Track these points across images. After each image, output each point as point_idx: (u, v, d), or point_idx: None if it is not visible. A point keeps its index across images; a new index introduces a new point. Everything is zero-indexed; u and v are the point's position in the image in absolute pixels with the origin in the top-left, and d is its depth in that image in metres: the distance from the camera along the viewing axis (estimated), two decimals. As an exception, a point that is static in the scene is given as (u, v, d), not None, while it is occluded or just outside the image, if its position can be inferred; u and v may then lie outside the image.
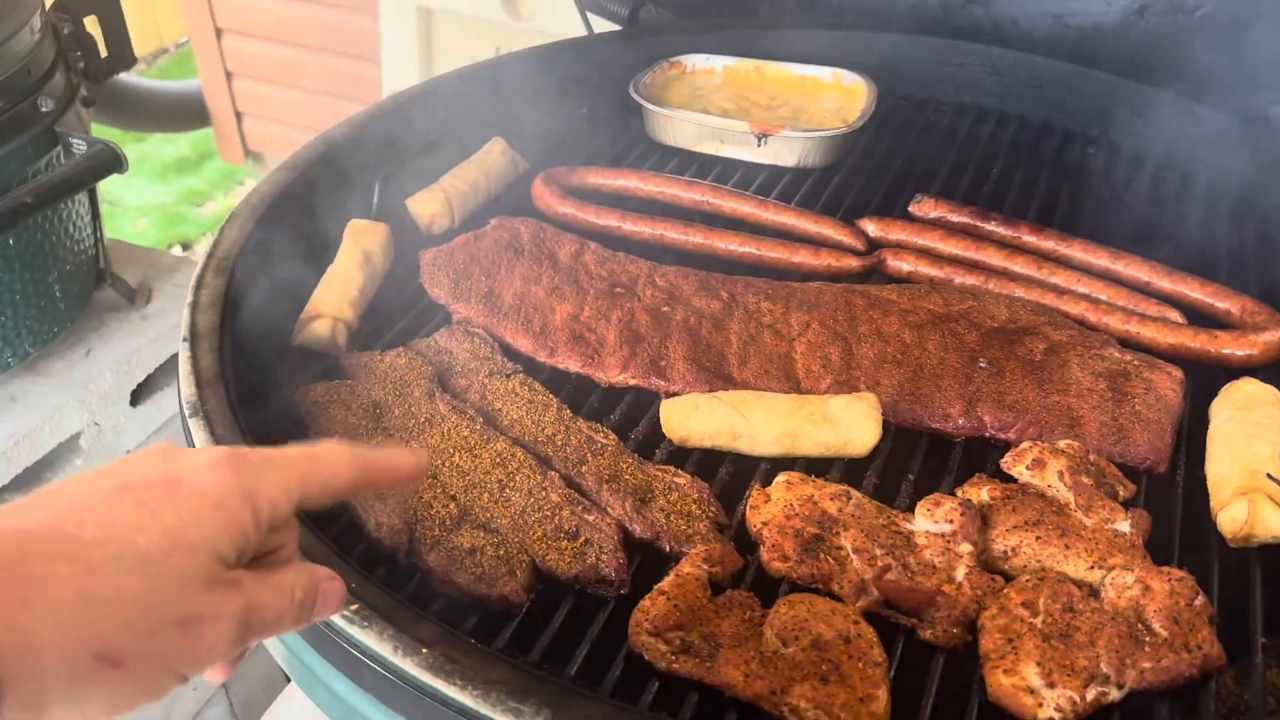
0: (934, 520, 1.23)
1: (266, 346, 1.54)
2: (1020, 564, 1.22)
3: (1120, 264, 1.71)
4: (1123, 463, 1.38)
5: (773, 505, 1.27)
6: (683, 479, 1.32)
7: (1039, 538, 1.22)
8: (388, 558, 1.24)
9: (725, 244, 1.80)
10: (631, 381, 1.52)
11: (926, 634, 1.15)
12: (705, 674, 1.08)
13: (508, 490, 1.28)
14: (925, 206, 1.89)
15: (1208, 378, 1.51)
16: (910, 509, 1.28)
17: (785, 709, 1.04)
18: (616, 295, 1.63)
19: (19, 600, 0.65)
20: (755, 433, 1.38)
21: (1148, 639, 1.10)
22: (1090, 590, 1.18)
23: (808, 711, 1.03)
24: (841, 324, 1.57)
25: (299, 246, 1.69)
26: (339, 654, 1.08)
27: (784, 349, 1.54)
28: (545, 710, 0.95)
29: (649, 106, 2.13)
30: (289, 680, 2.43)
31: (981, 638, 1.12)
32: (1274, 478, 1.26)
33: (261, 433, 1.31)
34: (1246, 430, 1.34)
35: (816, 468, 1.37)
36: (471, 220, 1.89)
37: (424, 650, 1.00)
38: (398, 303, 1.71)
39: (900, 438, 1.45)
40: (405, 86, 2.14)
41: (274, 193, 1.71)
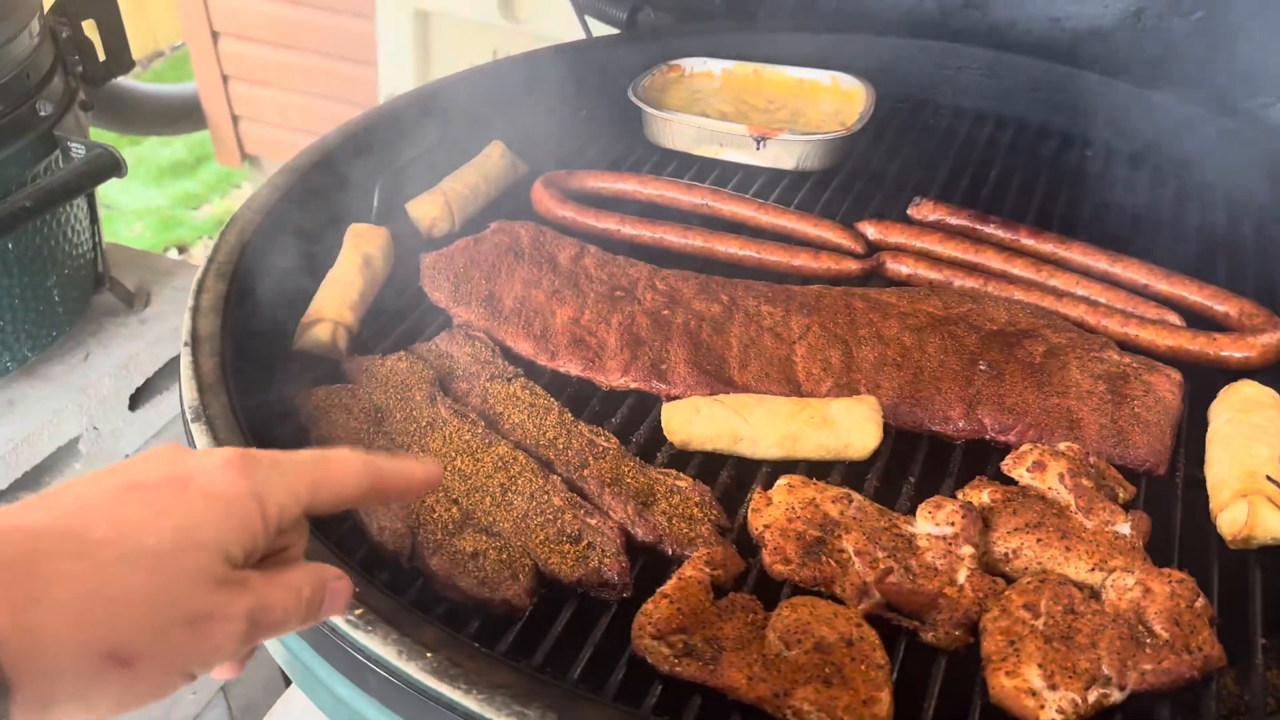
0: (935, 523, 1.23)
1: (267, 351, 1.55)
2: (1021, 566, 1.22)
3: (1119, 266, 1.72)
4: (1122, 465, 1.38)
5: (774, 508, 1.27)
6: (684, 482, 1.32)
7: (1040, 540, 1.22)
8: (390, 562, 1.24)
9: (725, 247, 1.80)
10: (632, 385, 1.52)
11: (928, 636, 1.15)
12: (708, 677, 1.08)
13: (510, 494, 1.28)
14: (924, 209, 1.90)
15: (1206, 380, 1.52)
16: (911, 512, 1.28)
17: (788, 712, 1.04)
18: (617, 299, 1.64)
19: (28, 598, 0.65)
20: (756, 436, 1.39)
21: (1149, 640, 1.10)
22: (1091, 592, 1.18)
23: (811, 714, 1.03)
24: (842, 327, 1.58)
25: (299, 250, 1.69)
26: (342, 658, 1.08)
27: (784, 352, 1.54)
28: (550, 714, 0.95)
29: (648, 110, 2.13)
30: (288, 684, 2.43)
31: (983, 640, 1.12)
32: (1273, 480, 1.27)
33: (263, 437, 1.31)
34: (1245, 432, 1.34)
35: (817, 471, 1.37)
36: (471, 224, 1.89)
37: (428, 654, 1.00)
38: (398, 306, 1.71)
39: (901, 440, 1.45)
40: (402, 90, 2.15)
41: (274, 197, 1.71)
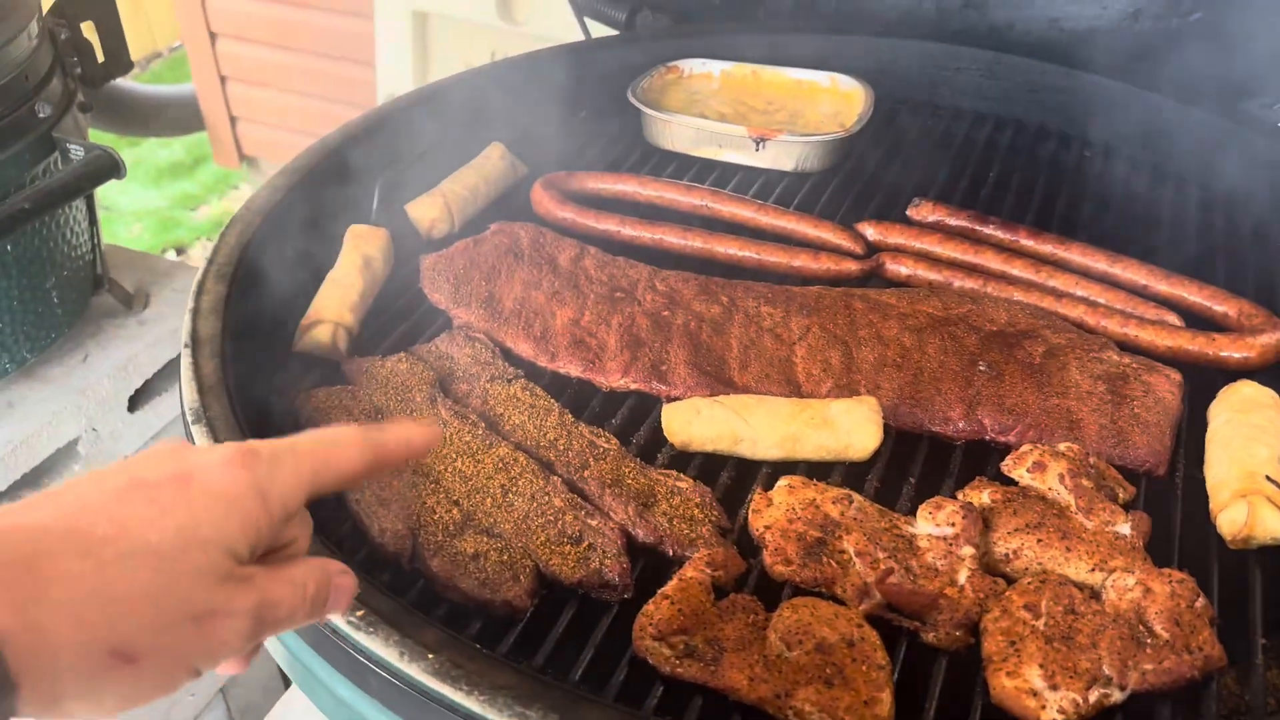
0: (936, 523, 1.23)
1: (267, 352, 1.55)
2: (1022, 566, 1.22)
3: (1118, 267, 1.72)
4: (1122, 465, 1.38)
5: (775, 509, 1.27)
6: (685, 483, 1.32)
7: (1040, 540, 1.22)
8: (391, 563, 1.24)
9: (725, 248, 1.80)
10: (633, 386, 1.52)
11: (929, 637, 1.15)
12: (709, 678, 1.08)
13: (510, 495, 1.28)
14: (923, 210, 1.90)
15: (1205, 380, 1.52)
16: (911, 512, 1.28)
17: (790, 712, 1.04)
18: (617, 300, 1.64)
19: (32, 597, 0.65)
20: (757, 437, 1.39)
21: (1149, 641, 1.10)
22: (1092, 592, 1.18)
23: (812, 715, 1.03)
24: (841, 328, 1.58)
25: (299, 252, 1.69)
26: (343, 659, 1.08)
27: (784, 353, 1.54)
28: (551, 715, 0.95)
29: (647, 111, 2.14)
30: (288, 685, 2.43)
31: (984, 640, 1.12)
32: (1273, 480, 1.27)
33: (264, 439, 1.31)
34: (1245, 433, 1.34)
35: (818, 471, 1.37)
36: (471, 225, 1.89)
37: (430, 656, 1.00)
38: (398, 308, 1.71)
39: (901, 441, 1.45)
40: (400, 91, 2.15)
41: (273, 198, 1.71)
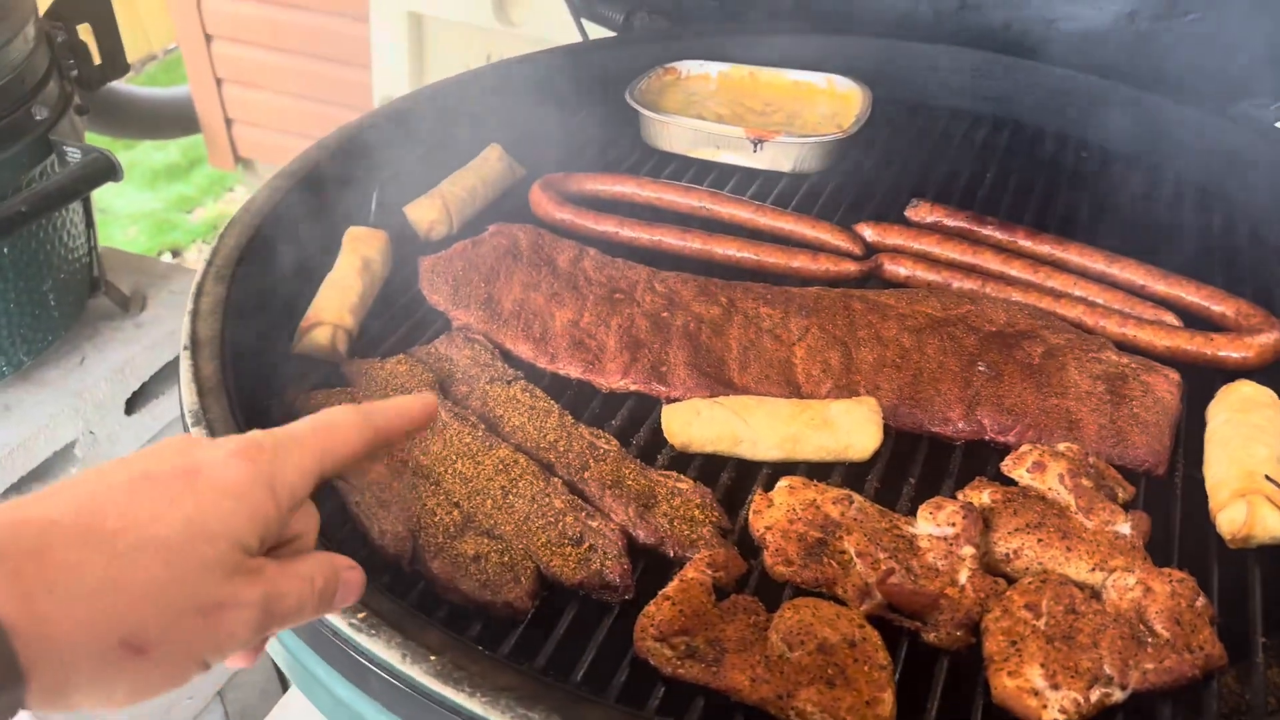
0: (936, 523, 1.23)
1: (267, 354, 1.54)
2: (1022, 566, 1.22)
3: (1116, 267, 1.72)
4: (1122, 465, 1.38)
5: (775, 510, 1.27)
6: (685, 484, 1.32)
7: (1040, 540, 1.22)
8: (391, 565, 1.24)
9: (723, 249, 1.80)
10: (632, 387, 1.52)
11: (930, 637, 1.15)
12: (711, 679, 1.08)
13: (511, 497, 1.28)
14: (921, 211, 1.90)
15: (1204, 380, 1.52)
16: (912, 512, 1.28)
17: (791, 713, 1.04)
18: (616, 301, 1.64)
19: (42, 588, 0.66)
20: (757, 438, 1.39)
21: (1150, 640, 1.10)
22: (1092, 592, 1.18)
23: (814, 715, 1.03)
24: (841, 328, 1.58)
25: (298, 254, 1.69)
26: (344, 660, 1.08)
27: (784, 354, 1.55)
28: (554, 716, 0.95)
29: (645, 112, 2.14)
30: (285, 688, 2.43)
31: (985, 640, 1.13)
32: (1272, 479, 1.27)
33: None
34: (1244, 432, 1.34)
35: (817, 472, 1.37)
36: (470, 227, 1.89)
37: (432, 657, 1.00)
38: (397, 310, 1.71)
39: (900, 441, 1.45)
40: (396, 93, 2.15)
41: (272, 200, 1.71)
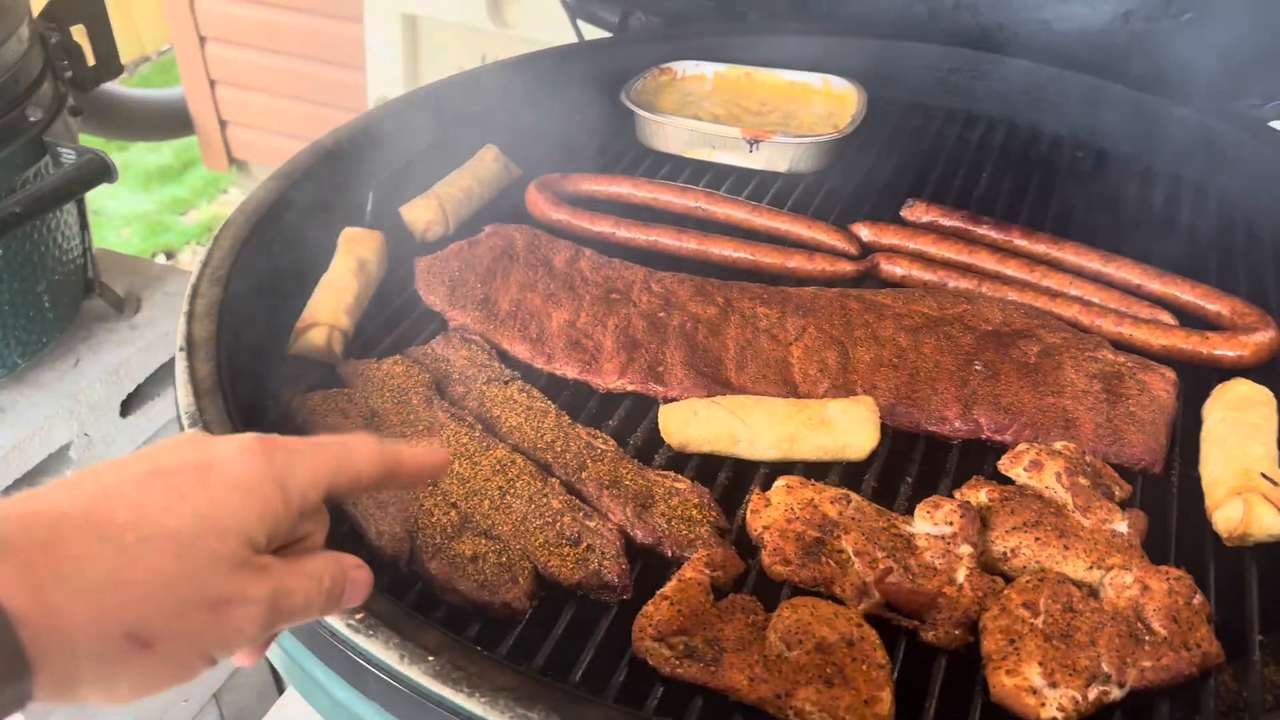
0: (934, 522, 1.24)
1: (262, 355, 1.54)
2: (1020, 565, 1.23)
3: (1112, 266, 1.73)
4: (1118, 463, 1.38)
5: (773, 509, 1.27)
6: (683, 484, 1.32)
7: (1038, 539, 1.23)
8: (389, 566, 1.23)
9: (720, 249, 1.80)
10: (629, 387, 1.52)
11: (928, 636, 1.15)
12: (709, 678, 1.08)
13: (508, 497, 1.28)
14: (917, 211, 1.90)
15: (1200, 379, 1.52)
16: (909, 511, 1.28)
17: (790, 712, 1.04)
18: (612, 301, 1.64)
19: (51, 579, 0.66)
20: (754, 437, 1.39)
21: (1147, 638, 1.10)
22: (1090, 590, 1.18)
23: (813, 714, 1.03)
24: (837, 328, 1.58)
25: (293, 255, 1.69)
26: (342, 661, 1.08)
27: (781, 354, 1.55)
28: (553, 716, 0.95)
29: (641, 113, 2.14)
30: (281, 690, 2.42)
31: (983, 639, 1.13)
32: (1268, 477, 1.28)
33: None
34: (1240, 430, 1.35)
35: (815, 471, 1.37)
36: (466, 227, 1.89)
37: (430, 658, 1.00)
38: (393, 310, 1.71)
39: (898, 441, 1.45)
40: (390, 94, 2.14)
41: (267, 201, 1.70)
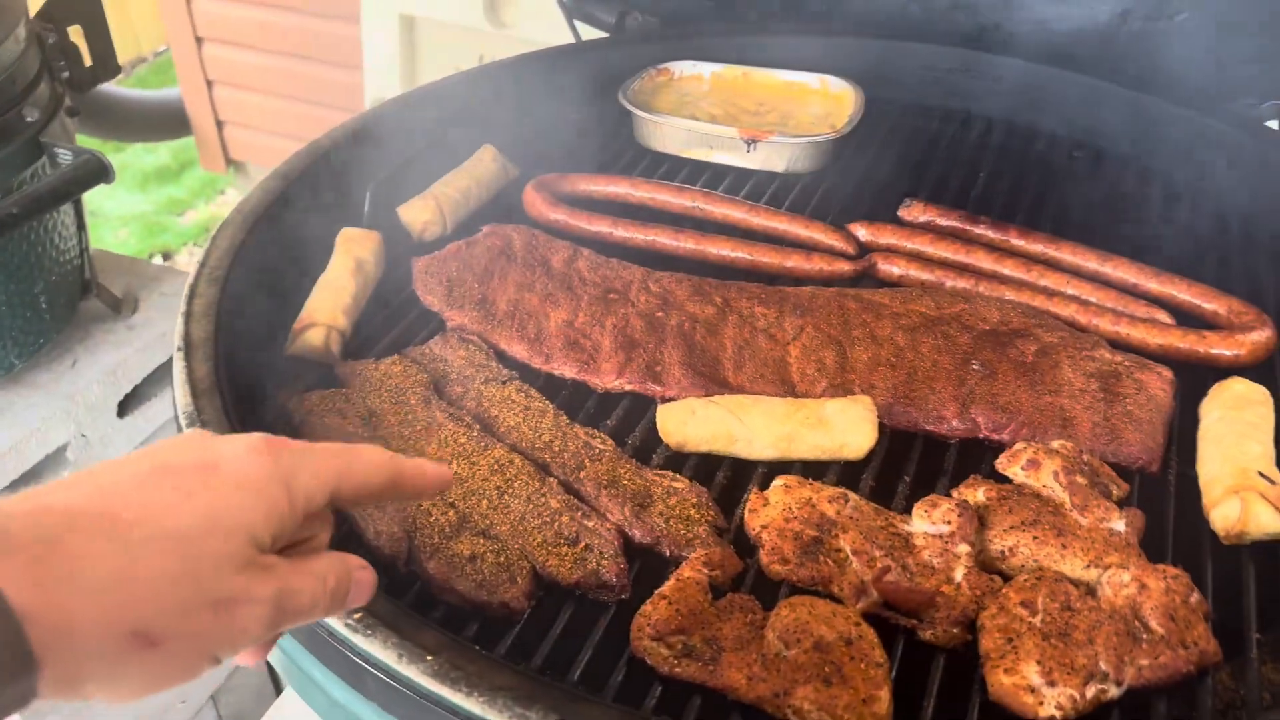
0: (931, 521, 1.24)
1: (260, 356, 1.54)
2: (1018, 564, 1.23)
3: (1109, 266, 1.73)
4: (1115, 462, 1.39)
5: (771, 508, 1.27)
6: (681, 483, 1.32)
7: (1036, 537, 1.23)
8: (387, 566, 1.23)
9: (717, 249, 1.80)
10: (627, 387, 1.52)
11: (926, 634, 1.16)
12: (708, 677, 1.08)
13: (506, 497, 1.28)
14: (914, 210, 1.91)
15: (1197, 378, 1.53)
16: (907, 511, 1.28)
17: (789, 711, 1.04)
18: (610, 301, 1.64)
19: (57, 577, 0.66)
20: (752, 437, 1.39)
21: (1145, 636, 1.11)
22: (1087, 589, 1.18)
23: (811, 713, 1.03)
24: (835, 328, 1.58)
25: (291, 255, 1.68)
26: (340, 661, 1.08)
27: (779, 353, 1.55)
28: (551, 715, 0.95)
29: (638, 113, 2.14)
30: (279, 692, 2.42)
31: (981, 637, 1.13)
32: (1265, 476, 1.28)
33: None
34: (1237, 429, 1.35)
35: (813, 471, 1.38)
36: (463, 228, 1.89)
37: (429, 657, 1.00)
38: (391, 310, 1.70)
39: (895, 440, 1.46)
40: (388, 94, 2.14)
41: (265, 201, 1.70)
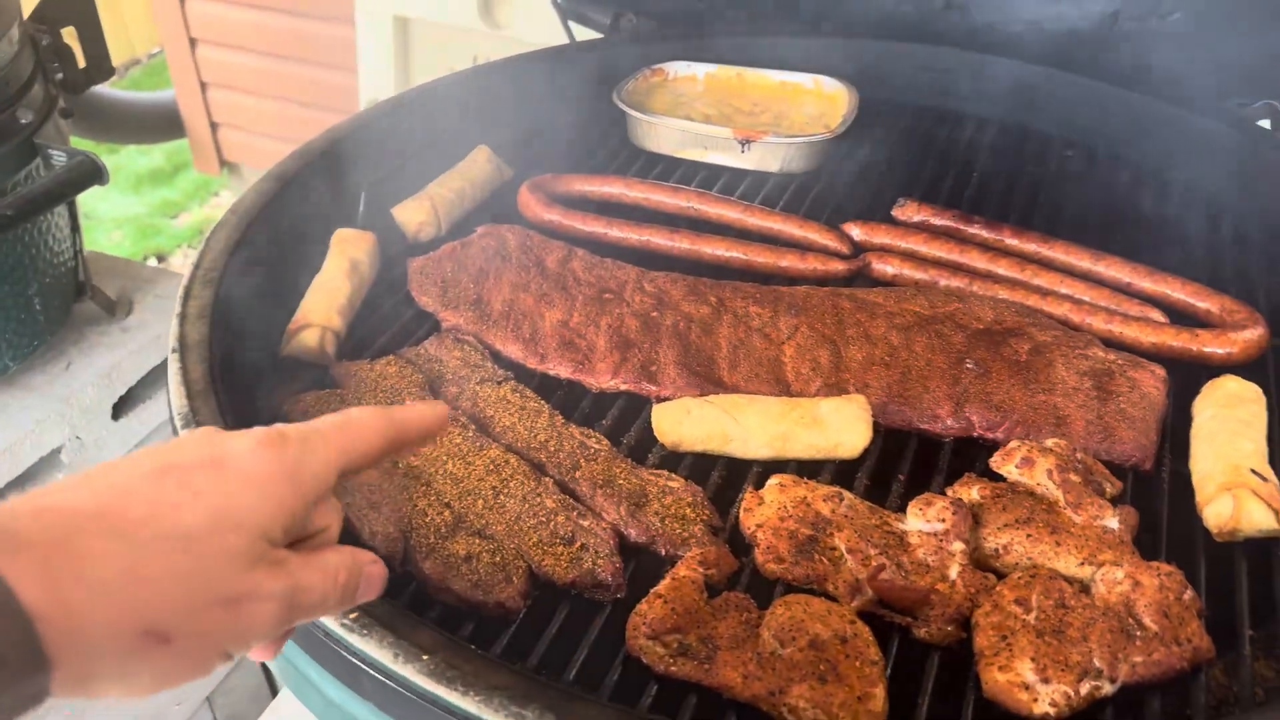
0: (926, 519, 1.24)
1: (255, 357, 1.54)
2: (1012, 561, 1.23)
3: (1102, 265, 1.73)
4: (1109, 460, 1.39)
5: (766, 507, 1.28)
6: (676, 483, 1.32)
7: (1030, 535, 1.23)
8: (383, 566, 1.23)
9: (712, 249, 1.81)
10: (622, 387, 1.52)
11: (921, 632, 1.16)
12: (703, 676, 1.08)
13: (502, 497, 1.28)
14: (908, 210, 1.91)
15: (1189, 376, 1.53)
16: (902, 509, 1.28)
17: (784, 709, 1.04)
18: (605, 301, 1.64)
19: (68, 576, 0.66)
20: (747, 436, 1.39)
21: (1138, 633, 1.11)
22: (1081, 586, 1.19)
23: (806, 711, 1.03)
24: (830, 327, 1.58)
25: (285, 256, 1.68)
26: (336, 661, 1.08)
27: (773, 353, 1.55)
28: (548, 714, 0.95)
29: (632, 113, 2.14)
30: (275, 693, 2.41)
31: (976, 635, 1.13)
32: (1258, 473, 1.29)
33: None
34: (1230, 427, 1.36)
35: (808, 470, 1.38)
36: (458, 228, 1.89)
37: (425, 657, 1.00)
38: (386, 311, 1.70)
39: (890, 439, 1.46)
40: (382, 96, 2.14)
41: (259, 203, 1.70)
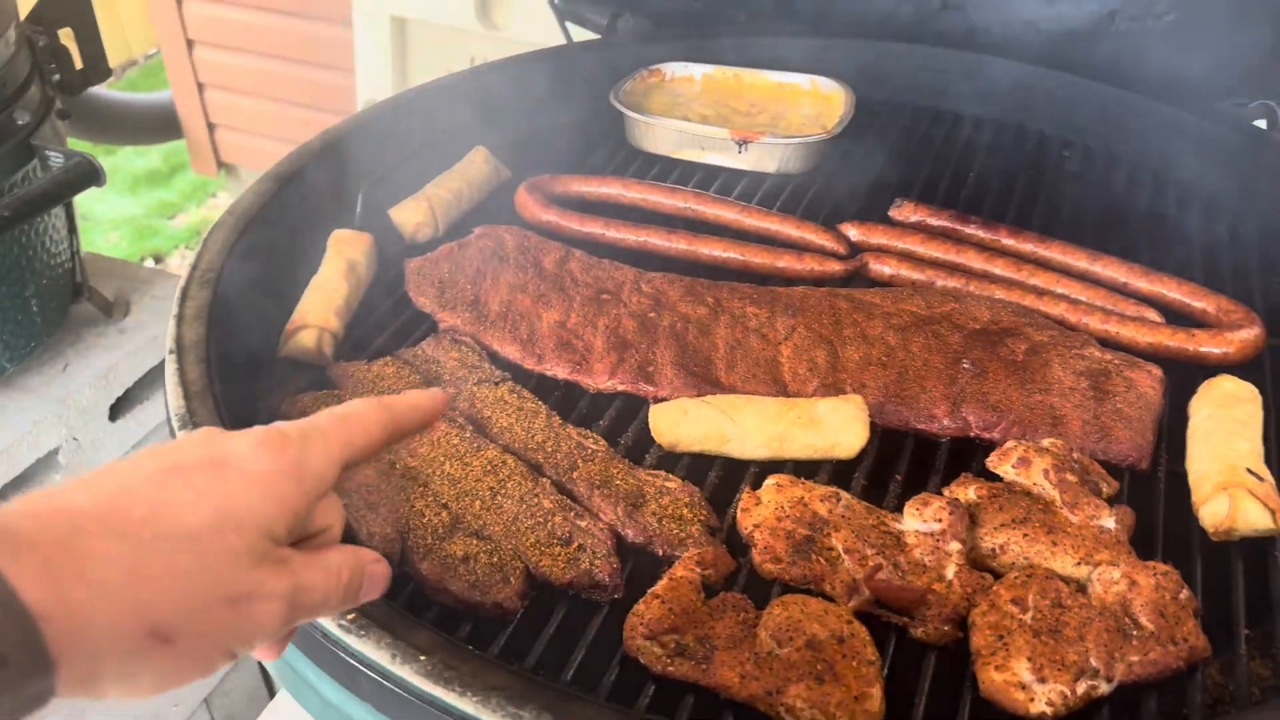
0: (923, 519, 1.24)
1: (252, 358, 1.54)
2: (1008, 561, 1.23)
3: (1098, 265, 1.74)
4: (1105, 460, 1.39)
5: (763, 508, 1.28)
6: (673, 483, 1.32)
7: (1026, 535, 1.23)
8: (380, 567, 1.23)
9: (709, 250, 1.81)
10: (620, 387, 1.52)
11: (918, 632, 1.16)
12: (701, 676, 1.09)
13: (499, 497, 1.28)
14: (905, 210, 1.91)
15: (1186, 376, 1.53)
16: (898, 509, 1.29)
17: (781, 709, 1.05)
18: (603, 302, 1.64)
19: (71, 577, 0.66)
20: (744, 436, 1.39)
21: (1135, 633, 1.11)
22: (1078, 586, 1.19)
23: (804, 711, 1.04)
24: (826, 327, 1.59)
25: (283, 257, 1.69)
26: (334, 662, 1.08)
27: (770, 353, 1.55)
28: (545, 715, 0.95)
29: (630, 114, 2.14)
30: (272, 694, 2.41)
31: (972, 635, 1.13)
32: (1254, 473, 1.29)
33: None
34: (1226, 427, 1.36)
35: (805, 470, 1.38)
36: (455, 229, 1.89)
37: (422, 657, 1.00)
38: (383, 312, 1.71)
39: (887, 439, 1.46)
40: (379, 97, 2.14)
41: (256, 204, 1.70)
